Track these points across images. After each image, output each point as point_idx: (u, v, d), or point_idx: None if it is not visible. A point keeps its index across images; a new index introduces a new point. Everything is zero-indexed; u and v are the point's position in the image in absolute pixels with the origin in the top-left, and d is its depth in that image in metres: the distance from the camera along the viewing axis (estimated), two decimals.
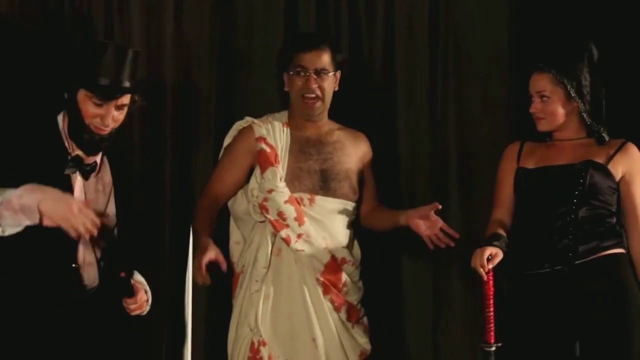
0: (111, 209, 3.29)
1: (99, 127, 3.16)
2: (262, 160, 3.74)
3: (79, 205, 2.95)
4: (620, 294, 3.50)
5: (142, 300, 3.30)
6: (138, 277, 3.33)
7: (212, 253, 3.50)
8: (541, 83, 3.58)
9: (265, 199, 3.71)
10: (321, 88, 3.76)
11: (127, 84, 3.18)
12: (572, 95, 3.54)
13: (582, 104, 3.55)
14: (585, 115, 3.57)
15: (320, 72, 3.74)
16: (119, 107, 3.19)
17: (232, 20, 4.31)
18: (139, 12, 4.16)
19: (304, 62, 3.73)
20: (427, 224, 3.68)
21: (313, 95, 3.75)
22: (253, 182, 3.76)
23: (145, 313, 3.35)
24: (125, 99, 3.20)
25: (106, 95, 3.14)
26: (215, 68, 4.26)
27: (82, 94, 3.15)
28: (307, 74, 3.73)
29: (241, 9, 4.31)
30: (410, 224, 3.71)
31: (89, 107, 3.15)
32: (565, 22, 4.16)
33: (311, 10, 4.33)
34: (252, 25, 4.31)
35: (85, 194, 3.20)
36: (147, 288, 3.35)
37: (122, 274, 3.19)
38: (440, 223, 3.66)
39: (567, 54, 3.57)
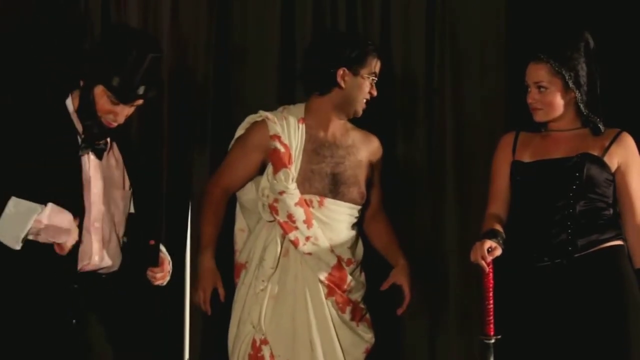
0: (127, 182, 3.34)
1: (109, 122, 3.22)
2: (276, 160, 3.71)
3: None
4: (619, 285, 3.48)
5: (166, 270, 3.36)
6: (161, 248, 3.37)
7: (211, 284, 3.69)
8: (539, 73, 3.55)
9: (276, 200, 3.69)
10: None
11: (145, 88, 3.20)
12: (571, 85, 3.52)
13: (579, 95, 3.53)
14: (582, 106, 3.55)
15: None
16: (133, 105, 3.24)
17: (228, 14, 4.31)
18: (137, 7, 4.17)
19: (377, 69, 3.78)
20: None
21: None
22: (265, 181, 3.74)
23: (164, 284, 3.40)
24: (140, 100, 3.24)
25: (125, 99, 3.19)
26: (212, 62, 4.26)
27: (100, 89, 3.18)
28: (375, 80, 3.79)
29: (237, 3, 4.31)
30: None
31: (104, 104, 3.19)
32: (560, 13, 4.17)
33: (307, 3, 4.34)
34: (247, 19, 4.32)
35: (100, 172, 3.24)
36: (170, 259, 3.40)
37: (152, 242, 3.24)
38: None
39: (565, 44, 3.54)
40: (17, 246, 3.03)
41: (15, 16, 3.97)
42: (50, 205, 3.04)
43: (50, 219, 3.03)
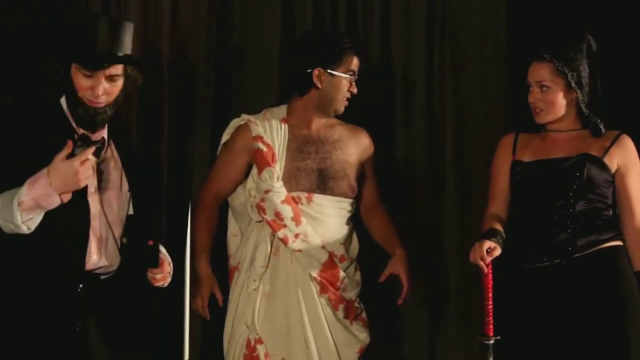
0: (124, 184, 3.32)
1: (91, 100, 3.16)
2: (259, 160, 3.73)
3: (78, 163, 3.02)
4: (618, 286, 3.49)
5: (166, 271, 3.35)
6: (161, 249, 3.36)
7: (208, 289, 3.77)
8: (542, 72, 3.56)
9: (262, 199, 3.70)
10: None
11: (115, 54, 3.16)
12: (573, 85, 3.53)
13: (581, 95, 3.54)
14: (583, 107, 3.56)
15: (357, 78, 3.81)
16: (110, 79, 3.17)
17: (228, 14, 4.31)
18: (137, 7, 4.16)
19: (354, 67, 3.76)
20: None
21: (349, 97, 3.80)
22: (250, 182, 3.76)
23: (166, 285, 3.39)
24: (115, 70, 3.17)
25: (93, 64, 3.13)
26: (212, 62, 4.26)
27: (74, 68, 3.15)
28: (355, 78, 3.77)
29: (237, 3, 4.31)
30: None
31: (80, 80, 3.15)
32: (561, 13, 4.18)
33: (307, 3, 4.33)
34: (247, 19, 4.31)
35: (96, 172, 3.21)
36: (170, 260, 3.39)
37: (150, 242, 3.24)
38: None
39: (567, 44, 3.55)
40: (25, 229, 3.00)
41: (15, 16, 3.97)
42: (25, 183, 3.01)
43: (29, 194, 2.98)
